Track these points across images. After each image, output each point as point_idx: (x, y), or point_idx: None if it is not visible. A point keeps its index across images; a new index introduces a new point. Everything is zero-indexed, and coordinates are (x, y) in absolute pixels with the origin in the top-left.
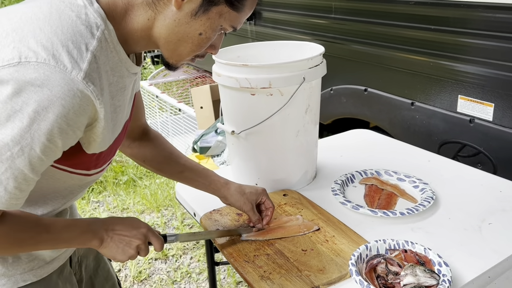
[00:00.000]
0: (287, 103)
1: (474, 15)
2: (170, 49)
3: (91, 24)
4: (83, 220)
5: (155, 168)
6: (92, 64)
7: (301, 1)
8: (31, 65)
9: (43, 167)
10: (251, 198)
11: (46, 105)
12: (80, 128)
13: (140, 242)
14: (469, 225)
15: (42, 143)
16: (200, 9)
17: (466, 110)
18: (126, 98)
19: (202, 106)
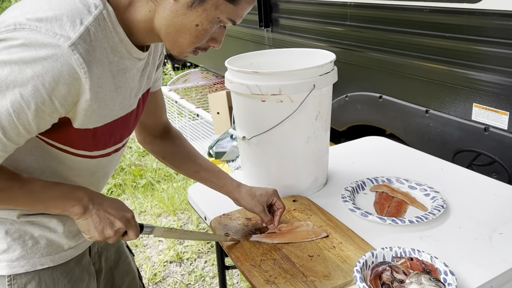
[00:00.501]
0: (297, 110)
1: (489, 23)
2: (171, 40)
3: (89, 3)
4: (66, 184)
5: (173, 165)
6: (85, 36)
7: (317, 9)
8: (25, 31)
9: (12, 128)
10: (262, 200)
11: (27, 61)
12: (58, 99)
13: (122, 226)
14: (479, 234)
15: (14, 96)
16: (195, 0)
17: (481, 118)
18: (130, 82)
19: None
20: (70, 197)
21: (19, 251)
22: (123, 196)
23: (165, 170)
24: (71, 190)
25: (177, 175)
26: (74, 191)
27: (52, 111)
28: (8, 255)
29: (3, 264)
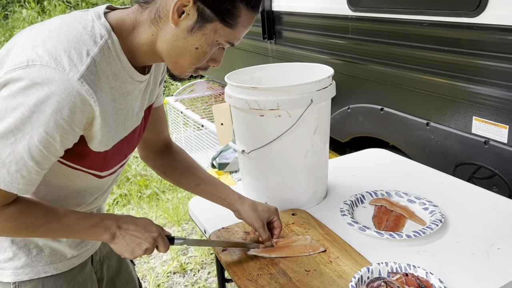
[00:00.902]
0: (295, 124)
1: (488, 37)
2: (172, 62)
3: (95, 34)
4: (97, 214)
5: (174, 180)
6: (91, 67)
7: (319, 21)
8: (36, 67)
9: (45, 160)
10: (263, 215)
11: (44, 100)
12: (78, 125)
13: (149, 245)
14: (477, 249)
15: (40, 134)
16: (195, 25)
17: (481, 131)
18: (132, 103)
19: (223, 123)
20: (100, 226)
21: (24, 259)
22: (129, 206)
23: None
24: (101, 219)
25: None
26: (104, 220)
27: (74, 136)
28: (13, 263)
29: (9, 271)
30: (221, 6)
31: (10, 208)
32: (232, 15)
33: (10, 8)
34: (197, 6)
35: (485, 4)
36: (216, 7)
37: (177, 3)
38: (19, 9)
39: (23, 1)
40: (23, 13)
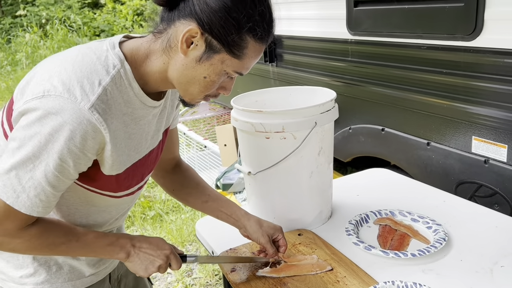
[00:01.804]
0: (300, 146)
1: (484, 60)
2: (182, 89)
3: (108, 64)
4: (113, 234)
5: (182, 198)
6: (102, 96)
7: (320, 45)
8: (51, 98)
9: (61, 183)
10: (269, 231)
11: (58, 129)
12: (90, 151)
13: (162, 262)
14: (481, 267)
15: (55, 161)
16: (203, 55)
17: (481, 151)
18: (145, 128)
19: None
20: (116, 245)
21: (44, 275)
22: (132, 228)
23: (173, 202)
24: (116, 239)
25: (185, 207)
26: (119, 240)
27: (86, 161)
28: (34, 279)
29: (29, 287)
30: (228, 38)
31: (33, 228)
32: (239, 47)
33: (13, 32)
34: (205, 37)
35: (480, 28)
36: (223, 39)
37: (186, 34)
38: (22, 34)
39: (26, 26)
40: (26, 37)
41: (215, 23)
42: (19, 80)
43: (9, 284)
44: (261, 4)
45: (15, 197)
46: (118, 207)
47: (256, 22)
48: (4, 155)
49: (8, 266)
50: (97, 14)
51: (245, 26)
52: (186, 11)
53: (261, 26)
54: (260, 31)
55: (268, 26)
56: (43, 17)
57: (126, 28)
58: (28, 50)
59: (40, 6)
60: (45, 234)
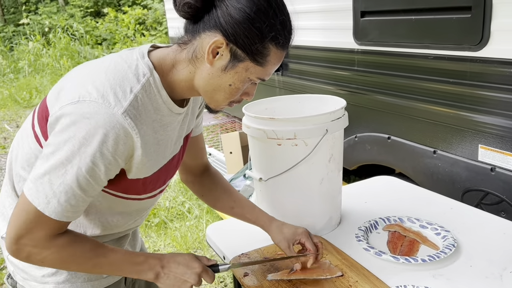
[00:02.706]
0: (311, 153)
1: (491, 69)
2: (208, 97)
3: (139, 72)
4: (141, 253)
5: (211, 203)
6: (133, 103)
7: (326, 55)
8: (86, 103)
9: (90, 188)
10: (288, 237)
11: (92, 133)
12: (121, 156)
13: (194, 282)
14: (491, 273)
15: (87, 164)
16: (228, 64)
17: (487, 159)
18: (171, 134)
19: (232, 152)
20: (144, 265)
21: (65, 275)
22: None
23: (177, 209)
24: (145, 258)
25: (189, 214)
26: (148, 260)
27: (116, 166)
28: (55, 278)
29: (51, 286)
30: (252, 47)
31: (61, 239)
32: (262, 55)
33: (16, 40)
34: (230, 47)
35: (487, 39)
36: (247, 48)
37: (212, 46)
38: (24, 42)
39: (29, 34)
40: (29, 45)
41: (239, 33)
42: (22, 87)
43: (31, 283)
44: (282, 13)
45: (46, 203)
46: (139, 209)
47: (278, 31)
48: (39, 161)
49: (30, 266)
50: (99, 23)
51: (268, 36)
52: (211, 23)
53: (282, 35)
54: (281, 39)
55: (289, 34)
56: (45, 25)
57: (128, 37)
58: (31, 58)
59: (43, 14)
60: (73, 245)
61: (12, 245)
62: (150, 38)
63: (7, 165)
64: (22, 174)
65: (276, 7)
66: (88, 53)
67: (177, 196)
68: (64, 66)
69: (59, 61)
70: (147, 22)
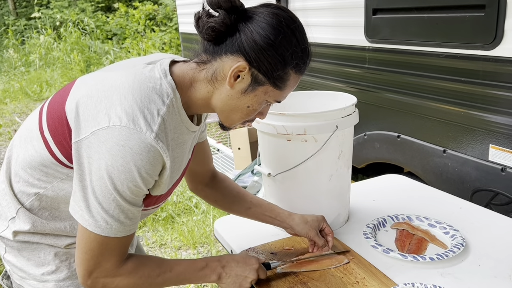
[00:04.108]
0: (321, 149)
1: (504, 69)
2: (224, 116)
3: (163, 93)
4: (201, 259)
5: (225, 207)
6: (161, 125)
7: (336, 52)
8: (116, 128)
9: (138, 201)
10: (314, 225)
11: (128, 160)
12: (156, 174)
13: (254, 277)
14: (499, 273)
15: (130, 188)
16: (248, 88)
17: (498, 159)
18: (185, 151)
19: (240, 148)
20: (206, 269)
21: (65, 272)
22: (144, 229)
23: (185, 204)
24: (206, 263)
25: (196, 209)
26: (209, 264)
27: (152, 183)
28: (56, 276)
29: (51, 283)
30: (274, 74)
31: (129, 264)
32: (282, 80)
33: (27, 34)
34: (251, 72)
35: (500, 38)
36: (269, 74)
37: (235, 70)
38: (36, 35)
39: (40, 28)
40: (40, 39)
41: (263, 60)
42: (33, 81)
43: (29, 282)
44: (303, 41)
45: (109, 228)
46: (142, 217)
47: (299, 58)
48: (80, 192)
49: (29, 264)
50: (110, 17)
51: (291, 63)
52: (234, 48)
53: (303, 61)
54: (302, 65)
55: (307, 60)
56: (57, 19)
57: (138, 32)
58: (42, 51)
59: (54, 9)
60: (141, 267)
61: (86, 281)
62: (160, 34)
63: (4, 162)
64: (22, 175)
65: (299, 35)
66: (99, 48)
67: (184, 191)
68: (75, 60)
69: (69, 55)
70: (157, 18)
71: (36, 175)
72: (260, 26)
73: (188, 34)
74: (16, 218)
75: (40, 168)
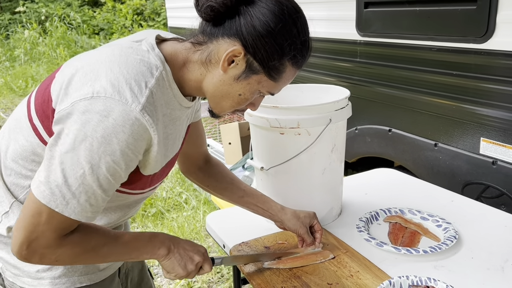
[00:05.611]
0: (314, 142)
1: (495, 62)
2: (215, 102)
3: (151, 65)
4: (147, 232)
5: (218, 192)
6: (149, 98)
7: (328, 46)
8: (101, 99)
9: (110, 186)
10: (305, 221)
11: (110, 131)
12: (140, 152)
13: (200, 259)
14: (492, 265)
15: (107, 163)
16: (242, 75)
17: (489, 152)
18: (179, 128)
19: (231, 142)
20: (155, 241)
21: (61, 269)
22: (134, 225)
23: (174, 200)
24: (154, 235)
25: (186, 204)
26: (157, 236)
27: (135, 162)
28: (51, 273)
29: (47, 281)
30: (270, 63)
31: (74, 236)
32: (278, 71)
33: (12, 28)
34: (247, 58)
35: (492, 31)
36: (265, 63)
37: (229, 53)
38: (20, 30)
39: (25, 22)
40: (25, 33)
41: (260, 47)
42: (18, 76)
43: (24, 279)
44: (304, 33)
45: (64, 204)
46: (137, 201)
47: (298, 51)
48: (50, 160)
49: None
50: (96, 12)
51: (288, 54)
52: (232, 31)
53: (301, 54)
54: (300, 58)
55: (307, 54)
56: (42, 14)
57: (125, 27)
58: (27, 46)
59: (40, 3)
60: (86, 238)
61: (23, 250)
62: (148, 28)
63: None
64: (13, 167)
65: (301, 26)
66: (85, 43)
67: (174, 186)
68: (61, 55)
69: (55, 50)
70: (145, 13)
71: (29, 166)
72: (261, 12)
73: (177, 28)
74: (9, 212)
75: (32, 158)
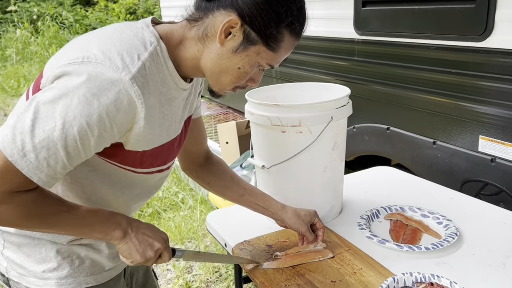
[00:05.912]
0: (316, 141)
1: (494, 60)
2: (214, 79)
3: (145, 41)
4: (107, 210)
5: (218, 190)
6: (141, 70)
7: (325, 44)
8: (91, 64)
9: (75, 152)
10: (306, 220)
11: (94, 92)
12: (117, 126)
13: (161, 246)
14: (493, 261)
15: (81, 125)
16: (240, 46)
17: (488, 149)
18: (176, 110)
19: (228, 142)
20: (111, 221)
21: (67, 270)
22: None
23: (171, 199)
24: (111, 215)
25: (183, 204)
26: (114, 216)
27: (110, 136)
28: (57, 273)
29: (53, 281)
30: (267, 31)
31: (24, 196)
32: (276, 40)
33: (3, 28)
34: (243, 29)
35: (491, 29)
36: (262, 31)
37: (226, 25)
38: (12, 29)
39: (17, 22)
40: (16, 33)
41: (256, 15)
42: (9, 76)
43: (29, 279)
44: (300, 0)
45: (21, 156)
46: (135, 185)
47: (294, 17)
48: (21, 107)
49: (29, 261)
50: (89, 11)
51: (285, 20)
52: (227, 2)
53: (298, 21)
54: (297, 26)
55: (304, 22)
56: (34, 13)
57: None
58: (19, 46)
59: (31, 2)
60: (37, 202)
61: None
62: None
63: None
64: None
65: None
66: None
67: (170, 186)
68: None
69: (47, 49)
70: (138, 12)
71: None
72: None
73: None
74: None
75: None
